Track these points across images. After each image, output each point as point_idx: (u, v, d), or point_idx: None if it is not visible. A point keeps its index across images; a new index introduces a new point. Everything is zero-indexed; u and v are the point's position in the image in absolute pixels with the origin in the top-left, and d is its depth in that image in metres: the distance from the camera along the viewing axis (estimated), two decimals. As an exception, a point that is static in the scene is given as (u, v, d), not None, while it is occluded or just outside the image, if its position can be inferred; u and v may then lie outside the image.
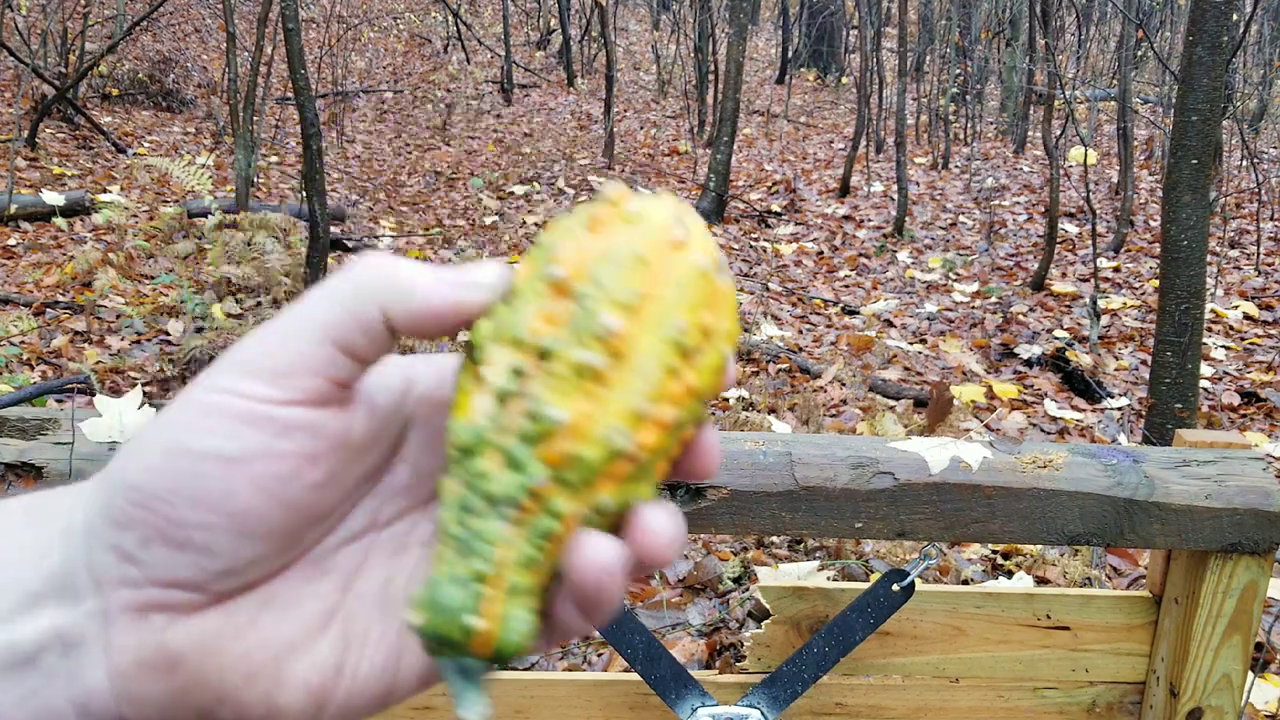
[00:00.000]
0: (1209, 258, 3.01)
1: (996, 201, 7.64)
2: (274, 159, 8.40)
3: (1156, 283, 3.23)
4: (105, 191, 6.20)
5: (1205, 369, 4.07)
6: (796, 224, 7.19)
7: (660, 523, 0.27)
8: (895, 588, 1.05)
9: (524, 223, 7.09)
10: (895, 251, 6.39)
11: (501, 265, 0.28)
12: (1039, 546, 2.24)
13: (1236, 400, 3.89)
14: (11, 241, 5.16)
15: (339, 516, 0.29)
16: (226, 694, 0.27)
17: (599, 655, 1.95)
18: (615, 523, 0.27)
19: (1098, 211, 6.23)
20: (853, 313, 5.08)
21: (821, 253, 6.44)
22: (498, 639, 0.26)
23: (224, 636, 0.27)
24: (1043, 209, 6.85)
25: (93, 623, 0.26)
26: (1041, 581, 2.15)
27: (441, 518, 0.27)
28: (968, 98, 10.63)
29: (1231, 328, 4.87)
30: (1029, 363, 4.31)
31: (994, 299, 5.28)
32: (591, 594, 0.26)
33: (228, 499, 0.26)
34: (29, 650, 0.26)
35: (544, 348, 0.26)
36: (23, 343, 3.60)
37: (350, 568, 0.29)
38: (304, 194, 4.78)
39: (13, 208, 5.38)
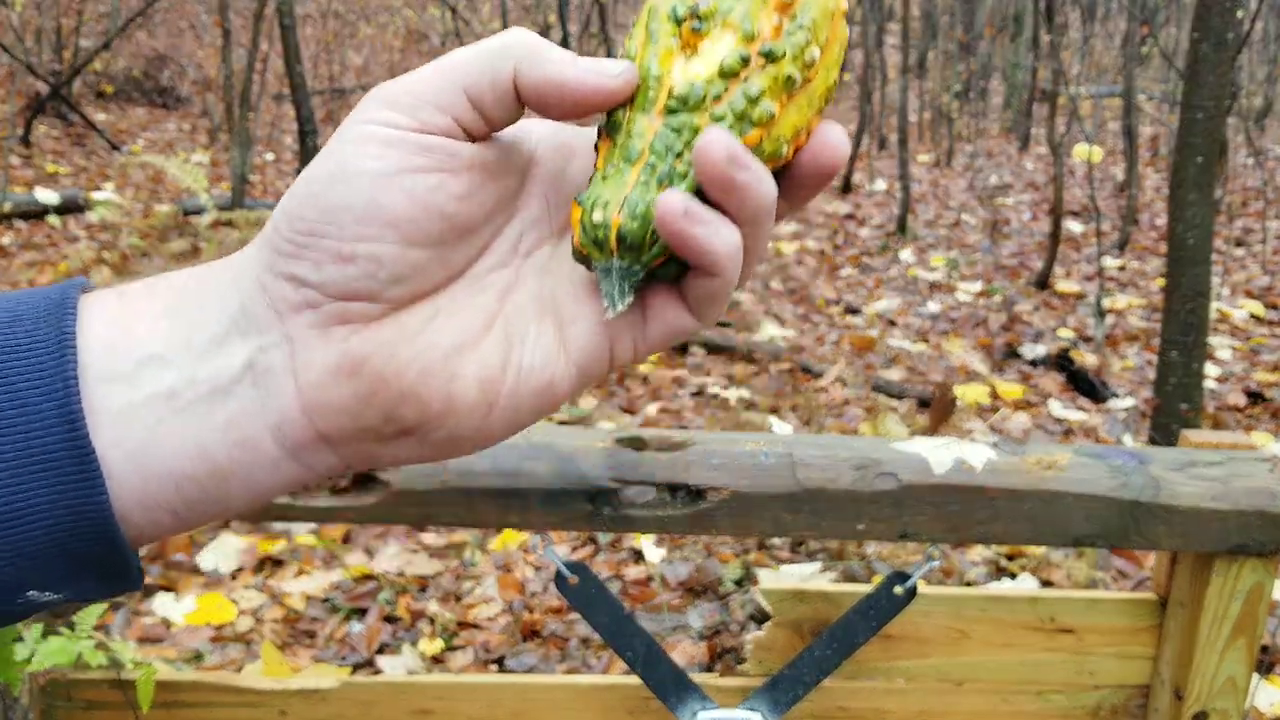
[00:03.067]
0: (1215, 256, 2.99)
1: (1000, 199, 7.63)
2: (270, 156, 8.40)
3: (1162, 282, 3.22)
4: (99, 189, 6.20)
5: (1211, 369, 4.05)
6: (798, 222, 7.18)
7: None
8: (898, 590, 1.05)
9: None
10: (898, 250, 6.38)
11: (629, 64, 0.32)
12: (1043, 548, 2.23)
13: (1242, 400, 3.88)
14: (5, 240, 5.15)
15: (489, 236, 0.33)
16: (406, 391, 0.30)
17: (598, 658, 1.94)
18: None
19: (1102, 210, 6.21)
20: (855, 312, 5.06)
21: (823, 251, 6.43)
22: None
23: (400, 340, 0.30)
24: (1047, 207, 6.83)
25: (278, 350, 0.30)
26: (1046, 584, 2.14)
27: (630, 148, 0.31)
28: (971, 95, 10.61)
29: (1237, 327, 4.85)
30: (1033, 363, 4.30)
31: (998, 298, 5.26)
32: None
33: (384, 209, 0.29)
34: (224, 384, 0.29)
35: (771, 50, 0.31)
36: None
37: (504, 285, 0.33)
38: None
39: (6, 206, 5.37)
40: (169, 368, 0.29)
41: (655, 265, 0.32)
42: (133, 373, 0.29)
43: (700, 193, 0.30)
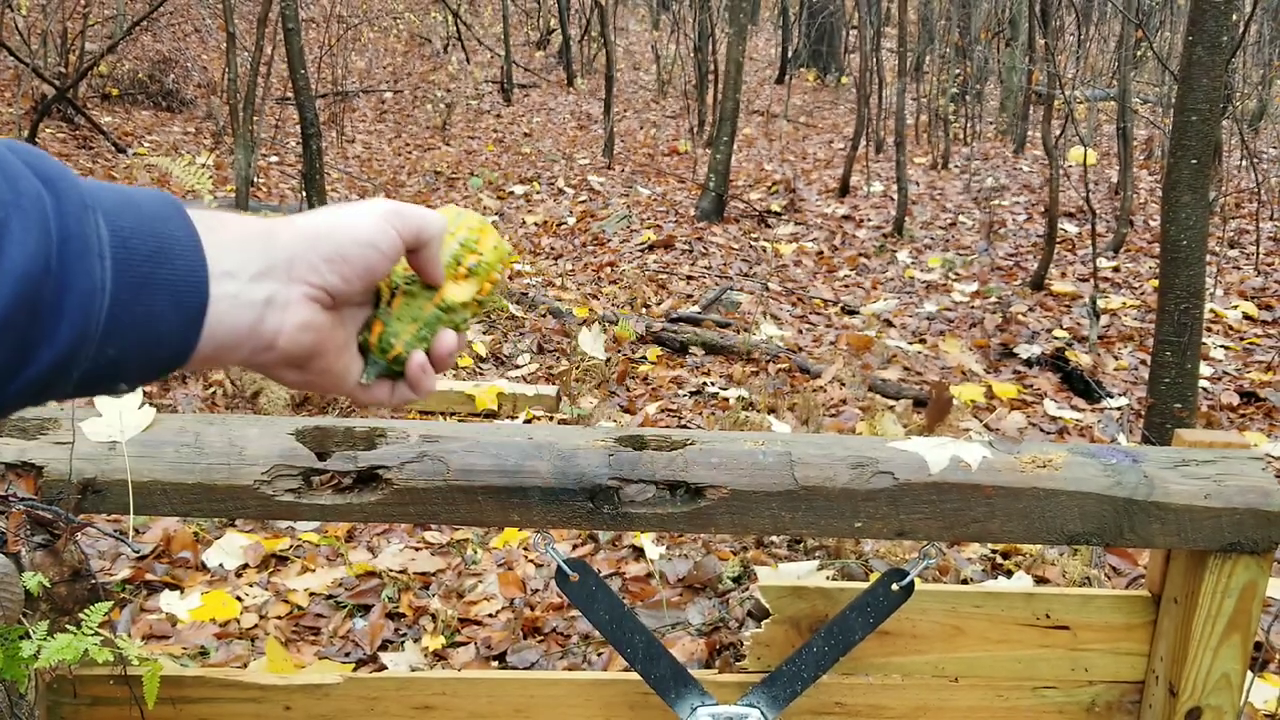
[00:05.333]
0: (1208, 257, 3.01)
1: (996, 201, 7.64)
2: (274, 159, 8.39)
3: (1156, 282, 3.24)
4: (105, 191, 6.19)
5: (1204, 369, 4.07)
6: (796, 224, 7.19)
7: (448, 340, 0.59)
8: (895, 587, 1.06)
9: (524, 222, 7.09)
10: (895, 251, 6.40)
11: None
12: (1038, 546, 2.24)
13: (1236, 400, 3.89)
14: (11, 241, 5.15)
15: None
16: (324, 352, 0.53)
17: (599, 654, 1.95)
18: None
19: (1097, 211, 6.23)
20: (852, 312, 5.08)
21: (821, 252, 6.44)
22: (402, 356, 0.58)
23: (333, 325, 0.54)
24: (1042, 209, 6.85)
25: (283, 294, 0.50)
26: (1041, 581, 2.15)
27: (416, 310, 0.58)
28: (967, 98, 10.63)
29: (1231, 327, 4.87)
30: (1028, 362, 4.31)
31: (994, 299, 5.28)
32: (441, 359, 0.59)
33: (351, 261, 0.53)
34: (257, 300, 0.49)
35: (482, 301, 0.61)
36: (23, 342, 3.59)
37: (349, 324, 0.58)
38: (304, 193, 4.78)
39: (12, 207, 5.37)
40: (236, 280, 0.48)
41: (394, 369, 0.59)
42: (221, 277, 0.47)
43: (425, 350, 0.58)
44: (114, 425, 1.03)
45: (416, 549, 2.34)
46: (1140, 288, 5.54)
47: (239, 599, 2.05)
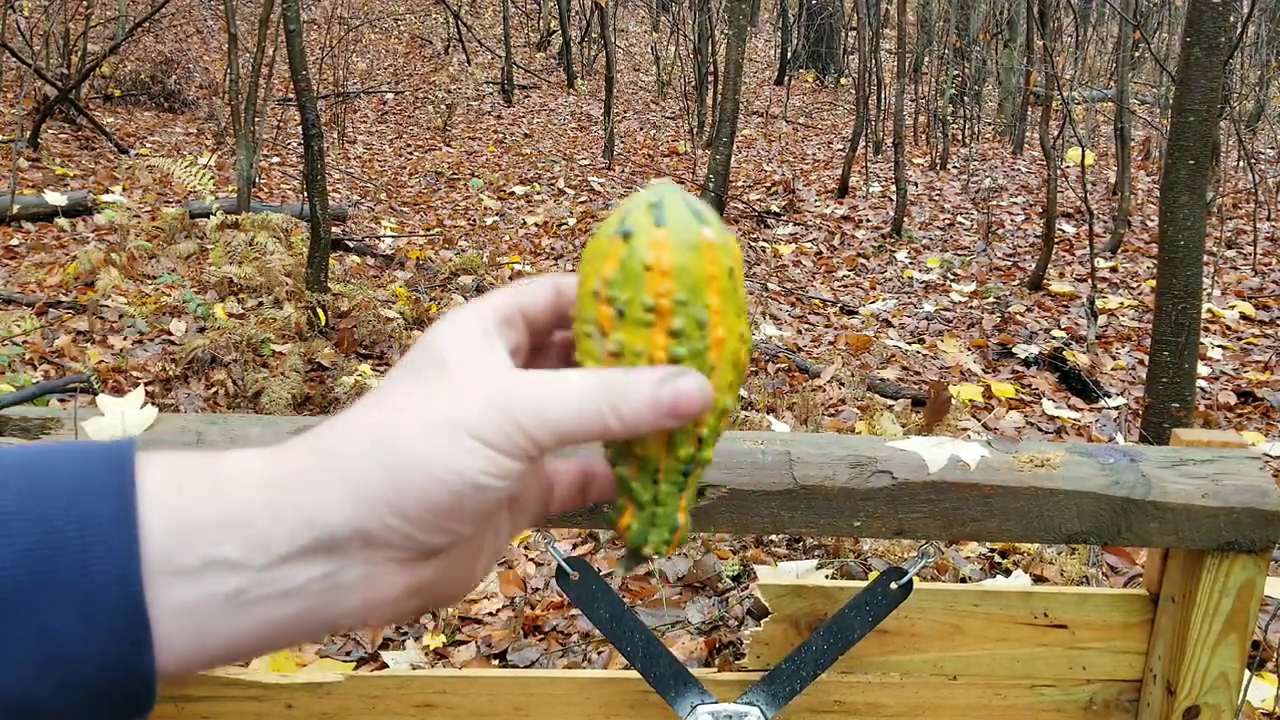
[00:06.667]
0: (1206, 258, 3.01)
1: (994, 202, 7.65)
2: (275, 160, 8.40)
3: (1153, 283, 3.24)
4: (107, 192, 6.20)
5: (1202, 369, 4.07)
6: (795, 224, 7.20)
7: None
8: (893, 586, 1.06)
9: (524, 223, 7.09)
10: (893, 251, 6.40)
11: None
12: (1036, 545, 2.25)
13: (1233, 400, 3.90)
14: (14, 242, 5.16)
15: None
16: (452, 595, 0.38)
17: (599, 653, 1.95)
18: None
19: (1095, 212, 6.23)
20: (851, 312, 5.08)
21: (820, 253, 6.45)
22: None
23: (453, 565, 0.37)
24: (1040, 209, 6.86)
25: (355, 570, 0.34)
26: (1039, 580, 2.15)
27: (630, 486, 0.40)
28: (966, 99, 10.64)
29: (1228, 327, 4.88)
30: (1026, 362, 4.32)
31: (992, 299, 5.29)
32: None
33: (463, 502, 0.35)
34: (296, 588, 0.33)
35: (726, 408, 0.39)
36: (25, 343, 3.60)
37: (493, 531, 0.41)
38: (305, 194, 4.79)
39: (15, 208, 5.37)
40: (239, 572, 0.32)
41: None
42: (199, 571, 0.31)
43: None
44: (116, 425, 1.03)
45: (417, 548, 2.34)
46: (1138, 288, 5.55)
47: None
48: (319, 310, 4.11)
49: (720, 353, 0.36)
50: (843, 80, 14.32)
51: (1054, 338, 4.66)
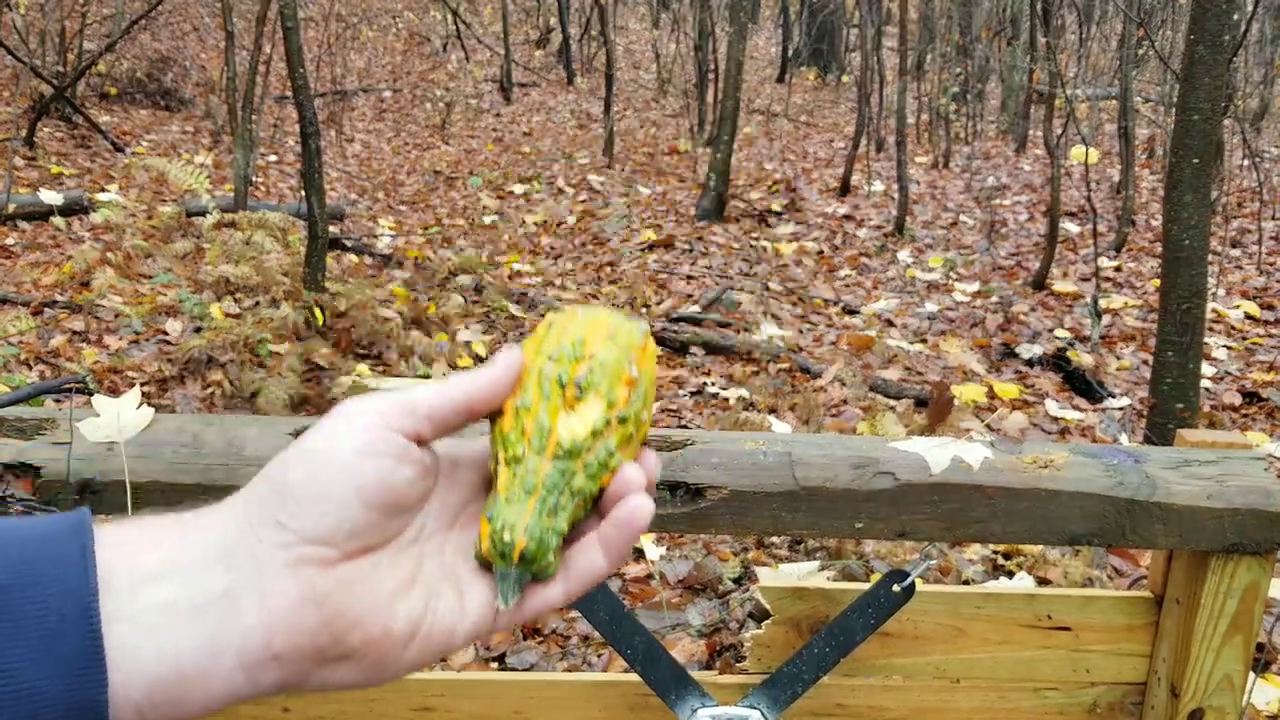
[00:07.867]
0: (1210, 257, 3.00)
1: (997, 201, 7.64)
2: (272, 158, 8.39)
3: (1158, 282, 3.23)
4: (103, 191, 6.19)
5: (1207, 369, 4.06)
6: (797, 223, 7.19)
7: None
8: (896, 588, 1.05)
9: (523, 222, 7.08)
10: (896, 251, 6.39)
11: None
12: (1040, 547, 2.24)
13: (1238, 400, 3.89)
14: (9, 241, 5.15)
15: (410, 518, 0.42)
16: (356, 621, 0.38)
17: (599, 656, 1.94)
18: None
19: (1099, 211, 6.22)
20: (853, 312, 5.07)
21: (822, 252, 6.43)
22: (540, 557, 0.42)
23: (353, 582, 0.39)
24: (1044, 208, 6.85)
25: (250, 578, 0.37)
26: (1042, 582, 2.14)
27: (527, 481, 0.41)
28: (968, 97, 10.63)
29: (1233, 327, 4.87)
30: (1030, 362, 4.31)
31: (995, 298, 5.28)
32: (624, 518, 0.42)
33: (355, 477, 0.39)
34: (207, 603, 0.37)
35: (623, 416, 0.43)
36: (21, 342, 3.59)
37: (417, 556, 0.42)
38: (303, 193, 4.78)
39: (11, 207, 5.37)
40: (162, 584, 0.36)
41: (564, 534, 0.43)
42: (128, 590, 0.36)
43: (574, 519, 0.42)
44: (112, 425, 1.02)
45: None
46: (1142, 287, 5.54)
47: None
48: (316, 310, 4.10)
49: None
50: (844, 78, 14.31)
51: (1058, 338, 4.64)
